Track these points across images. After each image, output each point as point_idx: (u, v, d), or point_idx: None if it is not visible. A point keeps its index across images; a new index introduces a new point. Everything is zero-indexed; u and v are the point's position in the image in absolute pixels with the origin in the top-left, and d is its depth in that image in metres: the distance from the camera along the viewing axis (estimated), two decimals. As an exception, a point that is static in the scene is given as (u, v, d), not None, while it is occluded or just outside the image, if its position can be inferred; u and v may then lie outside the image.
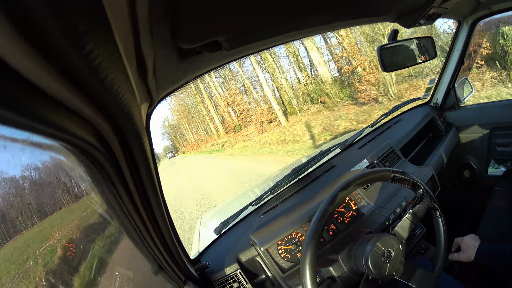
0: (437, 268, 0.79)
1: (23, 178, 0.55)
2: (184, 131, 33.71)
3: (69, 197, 0.58)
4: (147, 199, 0.51)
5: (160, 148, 70.26)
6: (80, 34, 0.19)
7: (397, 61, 1.10)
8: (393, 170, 0.79)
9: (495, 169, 1.61)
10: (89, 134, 0.31)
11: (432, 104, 1.75)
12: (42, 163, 0.40)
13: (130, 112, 0.32)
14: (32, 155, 0.34)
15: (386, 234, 0.75)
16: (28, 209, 0.62)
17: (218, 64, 0.55)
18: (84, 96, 0.25)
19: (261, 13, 0.45)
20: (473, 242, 0.97)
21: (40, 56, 0.19)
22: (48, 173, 0.55)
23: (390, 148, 1.36)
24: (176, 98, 26.32)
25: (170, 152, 47.12)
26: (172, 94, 0.50)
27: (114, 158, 0.38)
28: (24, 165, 0.35)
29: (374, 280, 0.71)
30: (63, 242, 0.48)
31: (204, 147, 24.02)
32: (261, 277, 1.02)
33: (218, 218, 1.89)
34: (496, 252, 0.89)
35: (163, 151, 62.66)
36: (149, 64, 0.34)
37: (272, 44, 0.62)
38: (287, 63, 10.56)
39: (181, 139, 40.49)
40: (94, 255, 0.52)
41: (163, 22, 0.34)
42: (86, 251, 0.51)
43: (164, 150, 61.71)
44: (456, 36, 1.46)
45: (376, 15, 0.87)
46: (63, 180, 0.53)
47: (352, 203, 1.12)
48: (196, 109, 24.21)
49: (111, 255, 0.63)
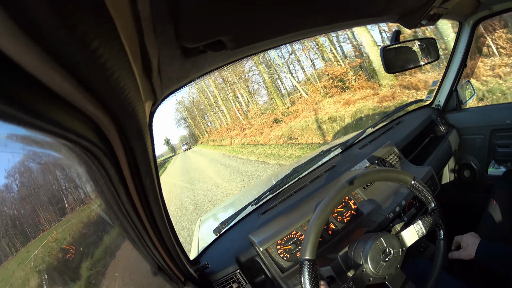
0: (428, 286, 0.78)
1: (21, 175, 0.55)
2: (208, 110, 23.81)
3: (69, 197, 0.57)
4: (146, 199, 0.51)
5: (176, 138, 60.24)
6: (84, 31, 0.18)
7: (400, 62, 1.10)
8: (415, 177, 0.78)
9: (495, 169, 1.62)
10: (90, 131, 0.30)
11: (434, 106, 1.76)
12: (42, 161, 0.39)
13: (134, 110, 0.32)
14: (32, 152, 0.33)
15: (391, 234, 0.75)
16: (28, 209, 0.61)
17: (222, 63, 0.55)
18: (88, 93, 0.24)
19: (265, 13, 0.45)
20: (473, 239, 0.97)
21: (45, 52, 0.18)
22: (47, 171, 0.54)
23: (391, 148, 1.36)
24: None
25: (185, 144, 38.46)
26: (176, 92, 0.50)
27: (115, 157, 0.38)
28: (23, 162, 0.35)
29: (366, 275, 0.71)
30: (62, 244, 0.47)
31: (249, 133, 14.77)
32: (260, 277, 1.01)
33: (218, 218, 1.89)
34: (497, 251, 0.89)
35: (180, 142, 53.46)
36: (154, 62, 0.34)
37: (276, 44, 0.62)
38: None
39: (203, 123, 30.65)
40: (93, 256, 0.52)
41: (166, 21, 0.34)
42: (86, 252, 0.51)
43: (181, 141, 52.98)
44: (458, 37, 1.46)
45: (378, 16, 0.87)
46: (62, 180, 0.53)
47: (352, 203, 1.12)
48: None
49: (110, 256, 0.63)
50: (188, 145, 37.21)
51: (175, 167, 19.30)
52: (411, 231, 0.77)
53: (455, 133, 1.65)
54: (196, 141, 37.82)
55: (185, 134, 48.09)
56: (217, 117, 24.11)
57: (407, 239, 0.76)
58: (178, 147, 50.31)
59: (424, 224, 0.78)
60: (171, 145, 52.60)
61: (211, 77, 15.72)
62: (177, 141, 55.44)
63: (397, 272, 0.73)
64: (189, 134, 43.17)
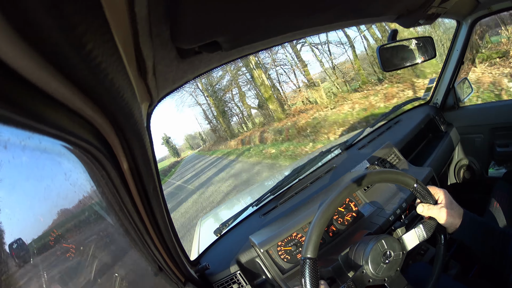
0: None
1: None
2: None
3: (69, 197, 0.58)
4: (147, 200, 0.51)
5: (180, 139, 46.11)
6: (79, 34, 0.19)
7: (397, 61, 1.10)
8: (418, 180, 0.77)
9: (496, 170, 1.61)
10: (90, 134, 0.31)
11: (432, 104, 1.75)
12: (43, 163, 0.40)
13: (131, 111, 0.32)
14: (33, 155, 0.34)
15: (392, 236, 0.75)
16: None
17: (218, 64, 0.55)
18: (84, 96, 0.25)
19: (261, 13, 0.45)
20: (456, 203, 0.78)
21: (40, 56, 0.19)
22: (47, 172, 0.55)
23: (391, 149, 1.36)
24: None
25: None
26: (172, 93, 0.50)
27: (115, 158, 0.38)
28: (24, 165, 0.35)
29: (366, 277, 0.71)
30: (62, 243, 0.48)
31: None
32: (261, 278, 1.01)
33: (218, 219, 1.89)
34: (496, 231, 0.74)
35: (186, 142, 41.56)
36: (148, 64, 0.34)
37: (272, 44, 0.62)
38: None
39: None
40: (93, 256, 0.52)
41: (163, 23, 0.34)
42: (86, 252, 0.51)
43: (187, 141, 41.30)
44: (455, 36, 1.46)
45: (376, 15, 0.87)
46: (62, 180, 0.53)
47: (352, 204, 1.12)
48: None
49: (110, 256, 0.63)
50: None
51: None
52: (412, 234, 0.77)
53: (454, 132, 1.64)
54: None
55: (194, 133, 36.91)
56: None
57: (408, 242, 0.76)
58: (183, 150, 42.42)
59: (425, 228, 0.77)
60: (173, 146, 40.25)
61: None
62: (183, 142, 44.04)
63: (397, 275, 0.73)
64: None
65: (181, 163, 30.96)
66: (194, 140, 40.71)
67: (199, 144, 37.49)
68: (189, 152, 39.67)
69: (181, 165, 27.18)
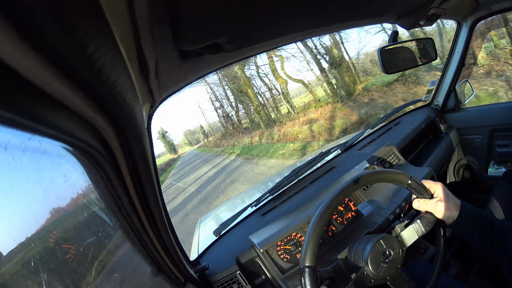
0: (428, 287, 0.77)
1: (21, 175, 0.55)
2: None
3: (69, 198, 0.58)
4: (146, 201, 0.51)
5: (179, 134, 40.36)
6: (80, 36, 0.19)
7: (398, 62, 1.10)
8: (412, 177, 0.76)
9: (495, 170, 1.61)
10: (90, 135, 0.31)
11: (433, 106, 1.75)
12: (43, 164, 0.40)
13: (132, 112, 0.32)
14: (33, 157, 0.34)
15: (390, 235, 0.75)
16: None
17: (220, 65, 0.55)
18: (86, 97, 0.25)
19: (262, 15, 0.45)
20: (452, 195, 0.77)
21: (41, 57, 0.19)
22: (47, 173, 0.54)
23: (391, 149, 1.36)
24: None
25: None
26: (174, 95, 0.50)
27: (114, 160, 0.38)
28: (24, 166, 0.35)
29: (368, 277, 0.71)
30: (62, 244, 0.48)
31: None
32: (260, 278, 1.01)
33: (218, 220, 1.88)
34: (495, 224, 0.72)
35: (185, 138, 35.66)
36: (150, 64, 0.34)
37: (273, 45, 0.62)
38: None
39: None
40: (93, 257, 0.52)
41: (164, 24, 0.34)
42: (86, 253, 0.51)
43: (186, 137, 35.30)
44: (456, 37, 1.46)
45: (377, 16, 0.87)
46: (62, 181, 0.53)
47: (352, 204, 1.12)
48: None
49: (110, 257, 0.63)
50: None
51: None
52: (411, 230, 0.77)
53: (454, 133, 1.65)
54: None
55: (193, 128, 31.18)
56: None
57: (407, 239, 0.76)
58: (181, 146, 37.67)
59: (423, 223, 0.77)
60: (169, 141, 35.82)
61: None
62: (181, 137, 38.89)
63: (398, 272, 0.73)
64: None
65: (177, 161, 27.91)
66: (193, 135, 36.77)
67: (198, 139, 33.77)
68: (187, 148, 36.33)
69: (176, 166, 23.15)
